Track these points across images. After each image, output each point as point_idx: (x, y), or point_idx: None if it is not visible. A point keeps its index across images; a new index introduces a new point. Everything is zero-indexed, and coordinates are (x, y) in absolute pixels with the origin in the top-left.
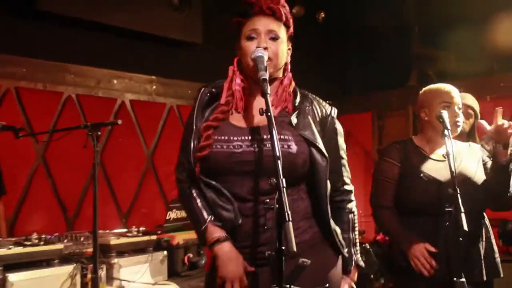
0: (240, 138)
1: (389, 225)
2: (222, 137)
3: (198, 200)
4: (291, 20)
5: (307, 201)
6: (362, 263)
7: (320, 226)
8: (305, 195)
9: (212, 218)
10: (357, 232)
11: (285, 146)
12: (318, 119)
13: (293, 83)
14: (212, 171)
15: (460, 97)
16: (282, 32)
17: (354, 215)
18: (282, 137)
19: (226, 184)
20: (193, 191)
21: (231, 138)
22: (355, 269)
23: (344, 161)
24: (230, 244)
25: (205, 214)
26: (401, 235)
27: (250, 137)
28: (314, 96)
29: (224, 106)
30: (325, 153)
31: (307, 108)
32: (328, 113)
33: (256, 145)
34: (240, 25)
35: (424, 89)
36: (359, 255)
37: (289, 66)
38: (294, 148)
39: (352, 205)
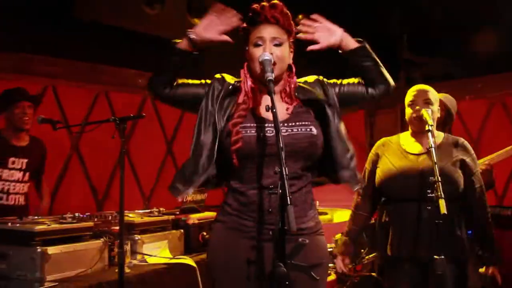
0: (269, 125)
1: (349, 223)
2: (252, 124)
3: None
4: (292, 26)
5: (313, 194)
6: None
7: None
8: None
9: None
10: None
11: (308, 130)
12: (318, 89)
13: (295, 84)
14: (245, 154)
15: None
16: (285, 38)
17: None
18: (303, 122)
19: (251, 169)
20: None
21: (260, 125)
22: None
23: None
24: None
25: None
26: (348, 238)
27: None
28: (302, 81)
29: (242, 104)
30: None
31: (306, 90)
32: (318, 78)
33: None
34: (248, 33)
35: None
36: None
37: (293, 68)
38: (314, 130)
39: None
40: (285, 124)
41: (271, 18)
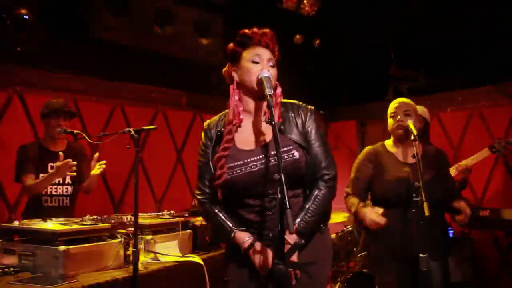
0: (253, 158)
1: (353, 206)
2: (238, 163)
3: (221, 214)
4: (278, 52)
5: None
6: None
7: None
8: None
9: (236, 226)
10: (317, 206)
11: (290, 156)
12: (299, 120)
13: (281, 96)
14: (237, 191)
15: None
16: (275, 61)
17: (322, 193)
18: (286, 148)
19: (247, 196)
20: (214, 208)
21: (246, 161)
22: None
23: (325, 147)
24: (259, 243)
25: (230, 224)
26: (360, 212)
27: (261, 156)
28: (292, 102)
29: (228, 135)
30: (305, 147)
31: (290, 114)
32: (306, 112)
33: (268, 161)
34: (239, 53)
35: None
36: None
37: (278, 88)
38: (296, 154)
39: (327, 185)
40: (270, 153)
41: (263, 42)
